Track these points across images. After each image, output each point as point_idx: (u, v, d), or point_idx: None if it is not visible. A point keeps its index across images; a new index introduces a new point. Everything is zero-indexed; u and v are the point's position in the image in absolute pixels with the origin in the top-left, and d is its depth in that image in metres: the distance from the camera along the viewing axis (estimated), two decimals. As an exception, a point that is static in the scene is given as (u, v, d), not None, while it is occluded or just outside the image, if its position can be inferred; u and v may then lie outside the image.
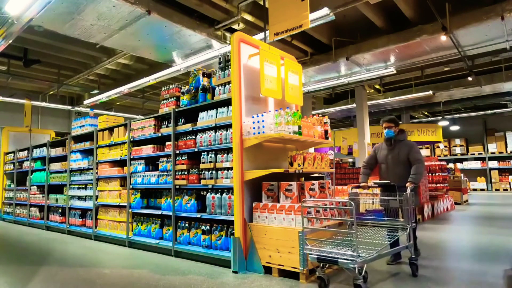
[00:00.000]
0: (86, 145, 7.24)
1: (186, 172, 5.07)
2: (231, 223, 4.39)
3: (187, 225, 5.01)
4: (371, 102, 13.71)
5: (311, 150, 7.45)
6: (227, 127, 4.59)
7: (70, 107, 14.15)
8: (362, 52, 8.53)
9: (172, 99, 5.59)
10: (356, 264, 3.08)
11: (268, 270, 4.00)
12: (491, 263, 4.29)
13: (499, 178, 18.58)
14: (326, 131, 4.85)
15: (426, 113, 18.60)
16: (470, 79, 11.73)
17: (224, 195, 4.53)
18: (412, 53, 8.56)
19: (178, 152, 5.21)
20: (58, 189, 8.28)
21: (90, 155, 7.15)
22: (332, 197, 4.76)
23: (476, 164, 19.39)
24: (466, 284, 3.55)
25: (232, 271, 4.12)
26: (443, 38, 7.32)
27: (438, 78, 12.81)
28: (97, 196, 6.76)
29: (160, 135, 5.55)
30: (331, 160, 5.08)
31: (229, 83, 4.67)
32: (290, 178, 4.51)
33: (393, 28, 8.16)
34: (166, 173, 5.37)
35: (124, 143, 6.25)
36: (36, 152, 9.20)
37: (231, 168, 4.47)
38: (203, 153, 4.85)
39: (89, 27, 6.53)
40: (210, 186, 4.69)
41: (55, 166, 8.22)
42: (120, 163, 6.51)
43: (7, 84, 12.19)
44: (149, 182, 5.69)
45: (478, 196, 15.30)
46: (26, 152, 9.76)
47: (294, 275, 3.79)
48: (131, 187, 5.99)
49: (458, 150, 19.90)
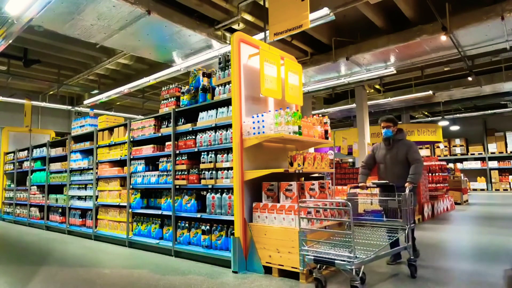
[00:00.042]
0: (86, 145, 7.24)
1: (186, 172, 5.07)
2: (231, 223, 4.39)
3: (187, 225, 5.02)
4: (371, 102, 13.71)
5: (311, 150, 7.45)
6: (227, 127, 4.59)
7: (70, 107, 14.16)
8: (362, 52, 8.53)
9: (172, 99, 5.59)
10: (353, 265, 3.03)
11: (268, 270, 4.00)
12: (491, 263, 4.29)
13: (499, 178, 18.58)
14: (326, 131, 4.84)
15: (426, 113, 18.61)
16: (470, 79, 11.73)
17: (224, 195, 4.53)
18: (412, 53, 8.57)
19: (178, 152, 5.21)
20: (58, 189, 8.28)
21: (90, 155, 7.15)
22: (332, 197, 4.76)
23: (476, 164, 19.39)
24: (466, 284, 3.55)
25: (232, 271, 4.12)
26: (443, 38, 7.33)
27: (438, 78, 12.81)
28: (97, 196, 6.76)
29: (160, 135, 5.55)
30: (331, 160, 5.08)
31: (229, 83, 4.67)
32: (290, 178, 4.51)
33: (393, 28, 8.16)
34: (166, 173, 5.37)
35: (124, 143, 6.25)
36: (36, 152, 9.20)
37: (231, 168, 4.48)
38: (203, 153, 4.85)
39: (89, 27, 6.54)
40: (210, 186, 4.69)
41: (55, 166, 8.22)
42: (120, 163, 6.51)
43: (7, 84, 12.20)
44: (149, 182, 5.69)
45: (478, 196, 15.30)
46: (26, 152, 9.76)
47: (294, 275, 3.79)
48: (131, 187, 5.99)
49: (458, 150, 19.90)
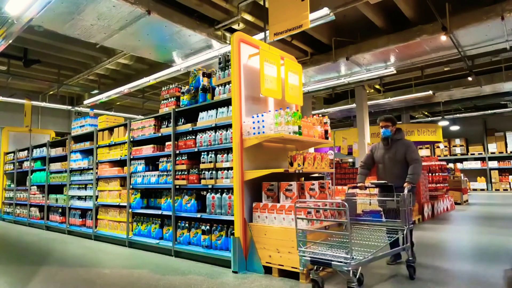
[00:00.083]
0: (86, 145, 7.24)
1: (186, 172, 5.07)
2: (231, 223, 4.39)
3: (187, 225, 5.01)
4: (371, 102, 13.71)
5: (311, 150, 7.45)
6: (227, 127, 4.59)
7: (70, 107, 14.16)
8: (362, 52, 8.53)
9: (172, 99, 5.59)
10: (349, 266, 2.97)
11: (268, 270, 4.00)
12: (491, 263, 4.29)
13: (499, 178, 18.58)
14: (326, 131, 4.84)
15: (426, 113, 18.61)
16: (470, 79, 11.73)
17: (224, 195, 4.53)
18: (412, 53, 8.57)
19: (178, 152, 5.21)
20: (58, 189, 8.28)
21: (90, 155, 7.15)
22: (332, 197, 4.75)
23: (476, 164, 19.39)
24: (466, 285, 3.55)
25: (232, 271, 4.12)
26: (443, 38, 7.32)
27: (438, 78, 12.81)
28: (97, 196, 6.76)
29: (160, 135, 5.55)
30: (331, 160, 5.08)
31: (229, 83, 4.67)
32: (290, 178, 4.51)
33: (393, 28, 8.16)
34: (166, 173, 5.37)
35: (124, 143, 6.25)
36: (36, 152, 9.20)
37: (231, 168, 4.48)
38: (203, 153, 4.85)
39: (89, 27, 6.54)
40: (210, 186, 4.69)
41: (55, 166, 8.22)
42: (120, 163, 6.51)
43: (7, 84, 12.20)
44: (149, 182, 5.69)
45: (478, 196, 15.30)
46: (26, 152, 9.76)
47: (294, 275, 3.79)
48: (131, 187, 5.99)
49: (458, 150, 19.90)
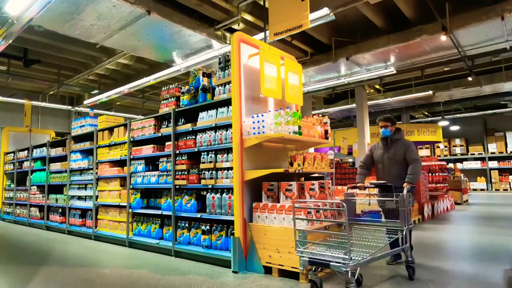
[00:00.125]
0: (86, 145, 7.24)
1: (186, 172, 5.07)
2: (231, 223, 4.39)
3: (187, 225, 5.01)
4: (371, 102, 13.71)
5: (311, 150, 7.45)
6: (227, 127, 4.59)
7: (70, 107, 14.16)
8: (362, 52, 8.53)
9: (172, 99, 5.59)
10: (348, 267, 2.93)
11: (268, 270, 4.00)
12: (491, 263, 4.29)
13: (499, 178, 18.59)
14: (326, 131, 4.84)
15: (426, 113, 18.61)
16: (470, 79, 11.73)
17: (224, 195, 4.53)
18: (412, 53, 8.56)
19: (178, 152, 5.21)
20: (58, 189, 8.28)
21: (90, 155, 7.15)
22: (332, 197, 4.75)
23: (476, 164, 19.39)
24: (466, 285, 3.54)
25: (232, 271, 4.12)
26: (443, 38, 7.32)
27: (438, 78, 12.81)
28: (97, 196, 6.76)
29: (160, 135, 5.55)
30: (331, 160, 5.08)
31: (229, 83, 4.67)
32: (290, 178, 4.51)
33: (393, 28, 8.16)
34: (166, 173, 5.37)
35: (124, 143, 6.25)
36: (36, 152, 9.20)
37: (231, 168, 4.48)
38: (203, 153, 4.85)
39: (89, 27, 6.54)
40: (210, 186, 4.69)
41: (55, 166, 8.22)
42: (120, 163, 6.51)
43: (7, 84, 12.20)
44: (149, 182, 5.69)
45: (478, 196, 15.30)
46: (26, 152, 9.76)
47: (294, 275, 3.79)
48: (131, 187, 5.99)
49: (458, 150, 19.90)
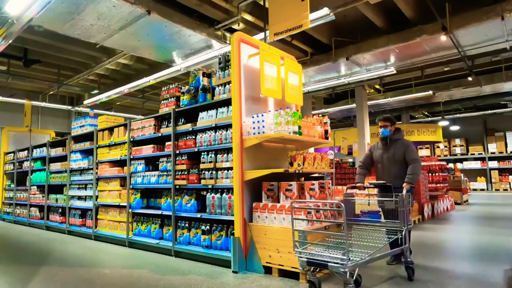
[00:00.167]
0: (86, 145, 7.24)
1: (186, 172, 5.07)
2: (231, 223, 4.39)
3: (187, 225, 5.01)
4: (371, 102, 13.71)
5: (311, 150, 7.45)
6: (227, 127, 4.59)
7: (70, 107, 14.16)
8: (362, 52, 8.53)
9: (172, 99, 5.59)
10: (346, 268, 2.92)
11: (268, 270, 4.00)
12: (491, 263, 4.29)
13: (499, 178, 18.58)
14: (326, 131, 4.84)
15: (426, 113, 18.60)
16: (470, 79, 11.73)
17: (224, 195, 4.53)
18: (412, 53, 8.56)
19: (178, 152, 5.21)
20: (58, 189, 8.28)
21: (90, 155, 7.15)
22: (332, 197, 4.74)
23: (476, 164, 19.39)
24: (466, 285, 3.55)
25: (232, 271, 4.12)
26: (443, 38, 7.32)
27: (438, 78, 12.81)
28: (97, 196, 6.76)
29: (160, 135, 5.55)
30: (331, 160, 5.08)
31: (229, 83, 4.67)
32: (290, 178, 4.51)
33: (393, 28, 8.16)
34: (166, 173, 5.37)
35: (124, 143, 6.25)
36: (36, 152, 9.20)
37: (231, 168, 4.47)
38: (203, 153, 4.85)
39: (89, 27, 6.53)
40: (210, 186, 4.69)
41: (55, 166, 8.22)
42: (120, 163, 6.51)
43: (7, 84, 12.20)
44: (149, 182, 5.69)
45: (478, 196, 15.30)
46: (26, 152, 9.76)
47: (294, 275, 3.78)
48: (131, 187, 5.99)
49: (458, 150, 19.90)
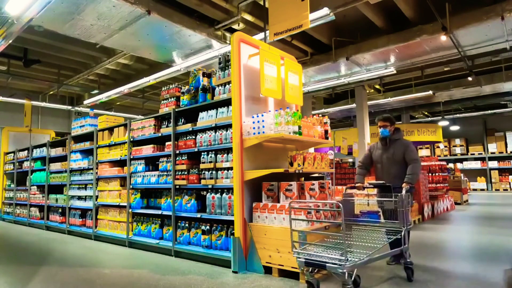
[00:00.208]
0: (86, 145, 7.24)
1: (186, 172, 5.07)
2: (231, 223, 4.39)
3: (187, 225, 5.01)
4: (371, 102, 13.70)
5: (311, 150, 7.45)
6: (227, 127, 4.59)
7: (70, 107, 14.16)
8: (362, 52, 8.52)
9: (172, 99, 5.59)
10: (344, 268, 2.89)
11: (268, 270, 4.00)
12: (491, 263, 4.29)
13: (499, 178, 18.58)
14: (326, 131, 4.84)
15: (426, 113, 18.60)
16: (470, 79, 11.73)
17: (224, 195, 4.53)
18: (412, 53, 8.56)
19: (178, 152, 5.21)
20: (58, 189, 8.28)
21: (90, 155, 7.15)
22: (332, 197, 4.74)
23: (476, 164, 19.39)
24: (466, 285, 3.55)
25: (232, 271, 4.12)
26: (443, 38, 7.32)
27: (438, 78, 12.81)
28: (97, 196, 6.76)
29: (160, 135, 5.55)
30: (331, 160, 5.08)
31: (229, 83, 4.67)
32: (290, 178, 4.51)
33: (393, 28, 8.16)
34: (166, 173, 5.37)
35: (124, 143, 6.25)
36: (36, 152, 9.20)
37: (231, 168, 4.48)
38: (203, 153, 4.85)
39: (89, 27, 6.53)
40: (210, 186, 4.69)
41: (55, 166, 8.22)
42: (120, 163, 6.51)
43: (7, 84, 12.20)
44: (149, 182, 5.69)
45: (478, 196, 15.30)
46: (26, 152, 9.76)
47: (294, 275, 3.79)
48: (131, 187, 5.99)
49: (458, 150, 19.90)
